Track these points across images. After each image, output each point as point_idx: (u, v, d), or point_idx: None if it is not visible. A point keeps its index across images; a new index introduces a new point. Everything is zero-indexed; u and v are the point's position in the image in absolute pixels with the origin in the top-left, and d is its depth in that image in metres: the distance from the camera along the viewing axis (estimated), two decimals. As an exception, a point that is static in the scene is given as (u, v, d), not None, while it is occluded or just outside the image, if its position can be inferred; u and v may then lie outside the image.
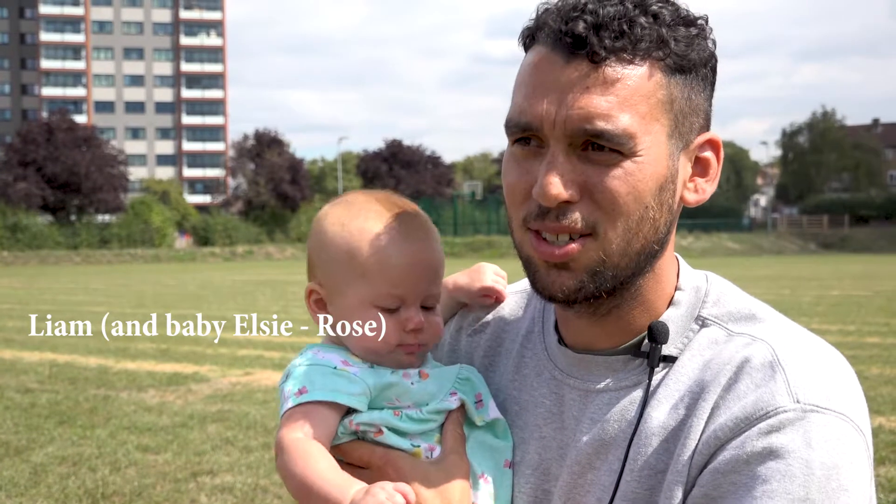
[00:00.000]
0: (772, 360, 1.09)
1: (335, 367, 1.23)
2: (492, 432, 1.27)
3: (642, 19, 1.07)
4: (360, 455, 1.22)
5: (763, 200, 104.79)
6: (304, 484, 1.15)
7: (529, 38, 1.15)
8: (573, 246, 1.10)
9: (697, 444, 1.08)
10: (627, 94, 1.07)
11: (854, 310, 17.89)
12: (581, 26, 1.06)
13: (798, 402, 1.05)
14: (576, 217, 1.09)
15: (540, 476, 1.23)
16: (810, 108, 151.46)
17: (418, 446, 1.23)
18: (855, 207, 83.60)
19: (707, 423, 1.09)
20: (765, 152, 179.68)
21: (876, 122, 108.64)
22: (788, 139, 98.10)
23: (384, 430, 1.22)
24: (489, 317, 1.41)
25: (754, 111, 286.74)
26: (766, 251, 67.41)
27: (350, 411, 1.22)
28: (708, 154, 1.16)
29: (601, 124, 1.06)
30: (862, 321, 15.68)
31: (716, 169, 1.18)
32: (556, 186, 1.07)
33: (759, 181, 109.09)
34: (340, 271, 1.26)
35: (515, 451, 1.26)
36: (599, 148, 1.07)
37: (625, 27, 1.06)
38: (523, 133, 1.11)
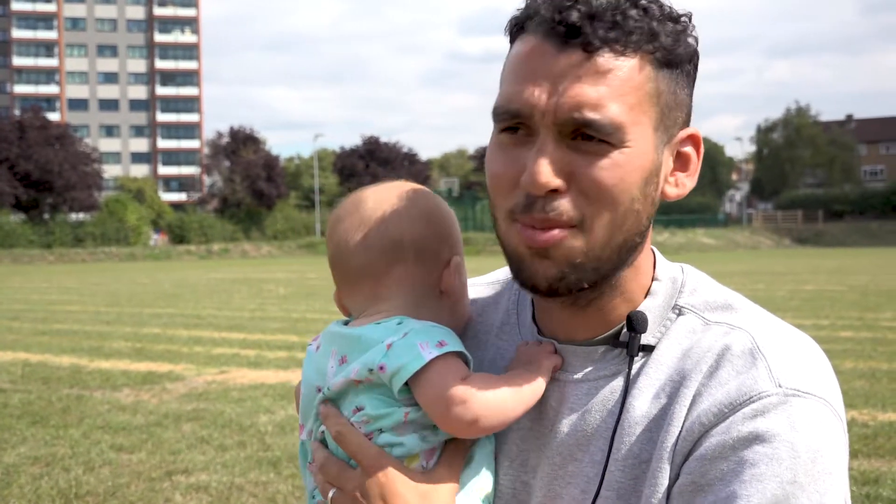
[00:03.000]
0: (752, 347, 1.11)
1: (445, 328, 1.20)
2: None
3: (634, 12, 1.08)
4: (358, 443, 1.17)
5: (738, 196, 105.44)
6: (507, 398, 1.14)
7: (517, 27, 1.14)
8: (555, 232, 1.08)
9: (681, 431, 1.09)
10: (618, 85, 1.07)
11: (828, 304, 18.05)
12: (575, 15, 1.06)
13: (780, 386, 1.06)
14: (563, 208, 1.08)
15: (518, 467, 1.21)
16: (784, 104, 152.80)
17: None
18: (829, 203, 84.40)
19: (689, 410, 1.09)
20: (739, 148, 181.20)
21: (849, 117, 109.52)
22: (763, 135, 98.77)
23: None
24: None
25: (728, 107, 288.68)
26: (742, 246, 67.89)
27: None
28: (689, 149, 1.17)
29: (591, 114, 1.06)
30: (836, 315, 15.82)
31: (696, 164, 1.18)
32: (546, 175, 1.06)
33: (734, 177, 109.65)
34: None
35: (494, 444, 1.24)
36: (588, 138, 1.07)
37: (618, 18, 1.07)
38: (512, 121, 1.09)
